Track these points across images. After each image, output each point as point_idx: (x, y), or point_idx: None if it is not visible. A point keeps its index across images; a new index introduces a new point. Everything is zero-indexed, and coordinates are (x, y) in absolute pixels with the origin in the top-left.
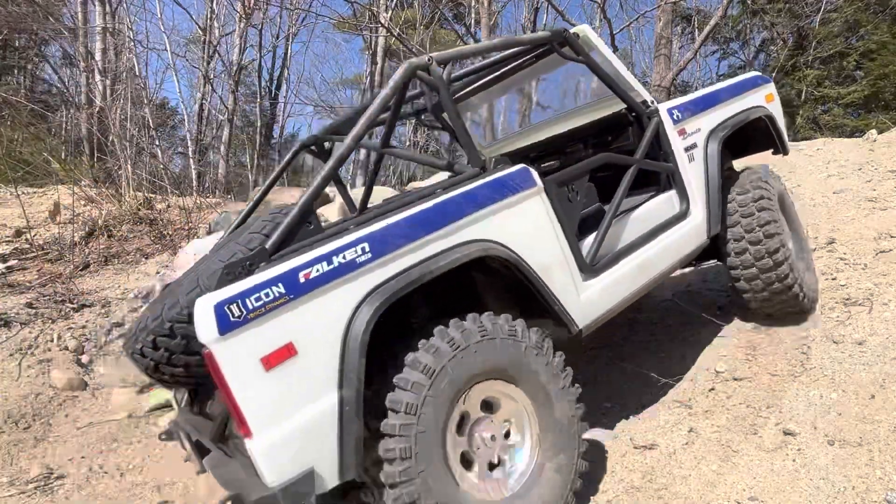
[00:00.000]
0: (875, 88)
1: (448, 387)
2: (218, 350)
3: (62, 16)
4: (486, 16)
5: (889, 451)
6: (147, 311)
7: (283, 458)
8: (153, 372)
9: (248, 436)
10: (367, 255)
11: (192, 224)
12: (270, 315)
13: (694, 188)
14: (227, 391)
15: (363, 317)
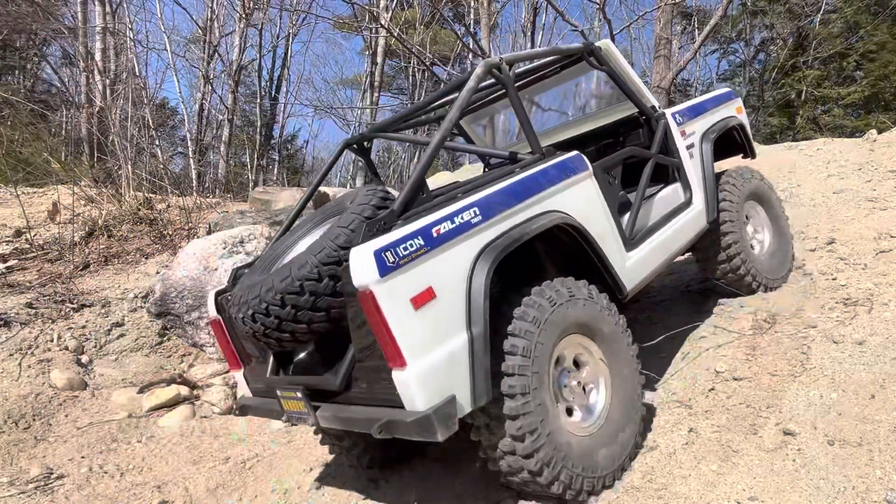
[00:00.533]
0: (875, 89)
1: (549, 335)
2: (378, 290)
3: (62, 16)
4: (485, 16)
5: (889, 451)
6: (246, 285)
7: (431, 385)
8: (262, 335)
9: (402, 366)
10: (479, 218)
11: (192, 224)
12: (415, 263)
13: (694, 181)
14: (385, 326)
15: (481, 268)
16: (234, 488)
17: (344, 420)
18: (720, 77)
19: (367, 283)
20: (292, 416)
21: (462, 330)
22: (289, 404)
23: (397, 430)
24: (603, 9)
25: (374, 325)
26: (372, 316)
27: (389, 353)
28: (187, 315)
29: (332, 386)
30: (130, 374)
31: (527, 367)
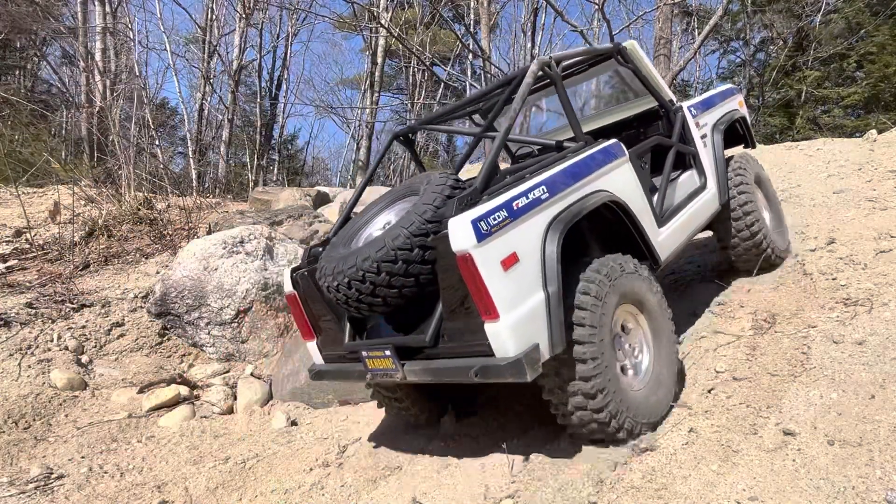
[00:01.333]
0: (875, 90)
1: (609, 306)
2: (475, 253)
3: (62, 16)
4: (485, 16)
5: (889, 451)
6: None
7: (519, 335)
8: (354, 301)
9: (496, 318)
10: (547, 194)
11: (192, 224)
12: (502, 231)
13: (708, 167)
14: (482, 284)
15: (552, 237)
16: (234, 488)
17: (434, 371)
18: (720, 77)
19: (466, 248)
20: (377, 373)
21: (540, 289)
22: (374, 363)
23: (491, 373)
24: (602, 9)
25: (471, 284)
26: (469, 276)
27: (484, 307)
28: (187, 315)
29: (423, 342)
30: (130, 374)
31: (594, 336)
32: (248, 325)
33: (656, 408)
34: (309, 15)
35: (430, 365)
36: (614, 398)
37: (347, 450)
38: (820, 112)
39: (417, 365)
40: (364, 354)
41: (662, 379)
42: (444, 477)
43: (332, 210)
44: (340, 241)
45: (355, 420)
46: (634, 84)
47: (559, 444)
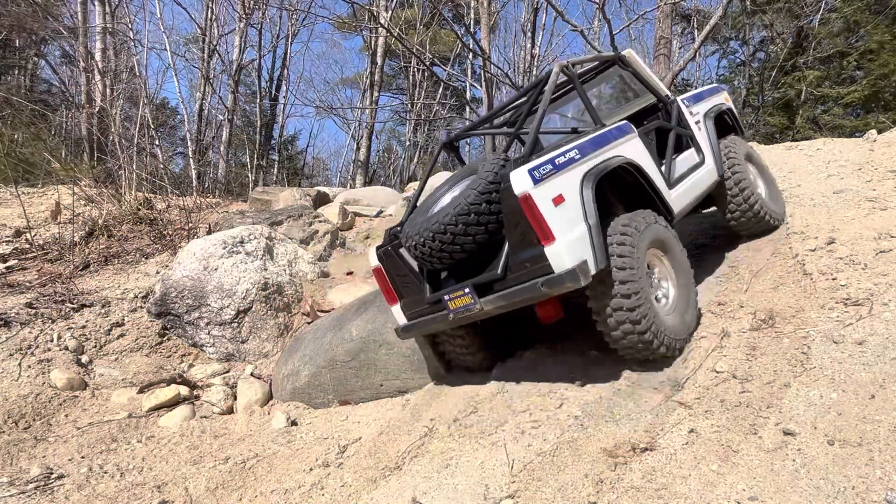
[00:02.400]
0: (875, 88)
1: (642, 249)
2: (533, 193)
3: (62, 16)
4: (485, 16)
5: (889, 451)
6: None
7: (571, 253)
8: (437, 252)
9: (553, 241)
10: (578, 155)
11: (192, 224)
12: (549, 178)
13: (704, 147)
14: (541, 215)
15: (587, 185)
16: (234, 488)
17: (507, 296)
18: (720, 77)
19: (526, 190)
20: (458, 311)
21: (582, 222)
22: (455, 303)
23: (555, 283)
24: (602, 9)
25: (531, 217)
26: (529, 211)
27: (543, 234)
28: (187, 315)
29: (495, 276)
30: (130, 374)
31: (634, 273)
32: (248, 325)
33: (686, 328)
34: (309, 15)
35: (503, 293)
36: (655, 321)
37: (347, 450)
38: (820, 111)
39: (492, 296)
40: (446, 298)
41: (686, 306)
42: (444, 477)
43: (333, 210)
44: (413, 217)
45: (355, 420)
46: (634, 85)
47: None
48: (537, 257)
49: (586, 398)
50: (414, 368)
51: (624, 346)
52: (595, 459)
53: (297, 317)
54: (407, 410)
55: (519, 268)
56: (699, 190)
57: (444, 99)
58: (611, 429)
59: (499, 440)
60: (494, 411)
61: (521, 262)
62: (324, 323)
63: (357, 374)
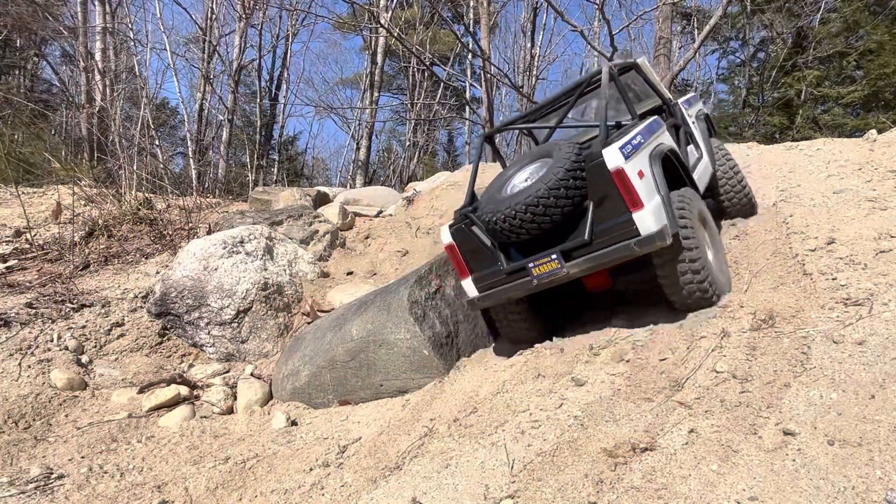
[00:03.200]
0: (874, 88)
1: (695, 219)
2: (625, 167)
3: (62, 16)
4: (485, 16)
5: (889, 451)
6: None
7: (655, 217)
8: (528, 224)
9: (641, 207)
10: (642, 140)
11: (192, 224)
12: (633, 156)
13: (701, 143)
14: (632, 186)
15: (654, 163)
16: (234, 488)
17: (595, 259)
18: (720, 77)
19: (619, 164)
20: (543, 277)
21: (657, 194)
22: (541, 269)
23: (645, 243)
24: (602, 9)
25: (622, 187)
26: (621, 182)
27: (632, 201)
28: (187, 315)
29: (582, 242)
30: (130, 374)
31: (694, 233)
32: (248, 325)
33: (727, 283)
34: (309, 15)
35: (591, 256)
36: (711, 274)
37: (347, 450)
38: (820, 111)
39: (578, 260)
40: (531, 266)
41: (722, 267)
42: (444, 477)
43: (333, 210)
44: (491, 196)
45: (355, 420)
46: (640, 87)
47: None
48: (625, 223)
49: (586, 398)
50: (414, 368)
51: (686, 297)
52: (595, 459)
53: (297, 317)
54: (407, 410)
55: (605, 233)
56: (705, 178)
57: (444, 99)
58: (611, 429)
59: (499, 440)
60: (494, 411)
61: (608, 229)
62: (324, 323)
63: (357, 374)
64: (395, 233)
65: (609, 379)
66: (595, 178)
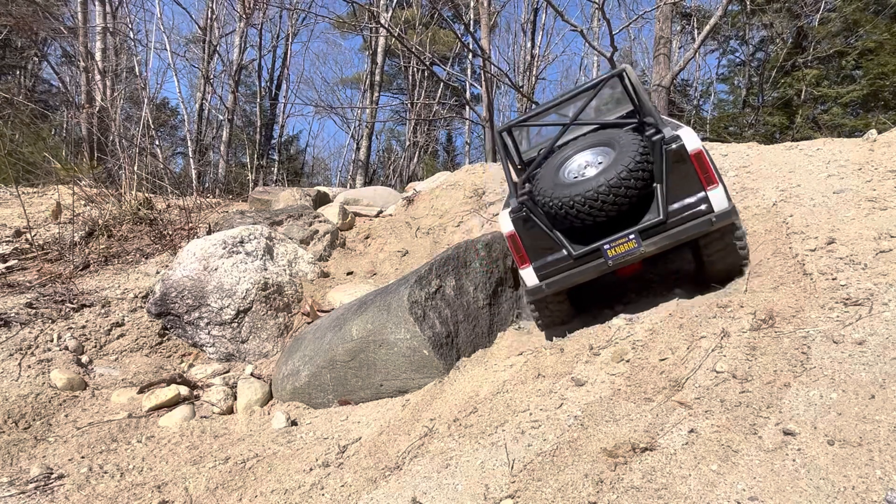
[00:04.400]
0: (874, 87)
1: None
2: (702, 148)
3: (62, 16)
4: (485, 15)
5: (889, 451)
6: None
7: (726, 195)
8: (609, 205)
9: (716, 185)
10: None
11: (192, 224)
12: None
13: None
14: (708, 165)
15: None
16: (234, 488)
17: (672, 236)
18: (720, 77)
19: (698, 147)
20: (618, 258)
21: (719, 176)
22: (617, 249)
23: (722, 218)
24: (602, 9)
25: (699, 168)
26: (699, 163)
27: (708, 180)
28: (187, 315)
29: (659, 220)
30: (130, 374)
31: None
32: (248, 325)
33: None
34: (309, 15)
35: (668, 234)
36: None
37: (347, 450)
38: (819, 111)
39: (655, 238)
40: (606, 247)
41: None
42: (444, 477)
43: (333, 210)
44: (554, 182)
45: (355, 420)
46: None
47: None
48: (699, 201)
49: (586, 398)
50: (414, 368)
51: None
52: (595, 459)
53: (297, 317)
54: (407, 410)
55: (679, 212)
56: None
57: (444, 99)
58: (611, 429)
59: (499, 440)
60: (494, 411)
61: (681, 208)
62: (324, 323)
63: (357, 374)
64: (395, 233)
65: (609, 379)
66: (671, 161)
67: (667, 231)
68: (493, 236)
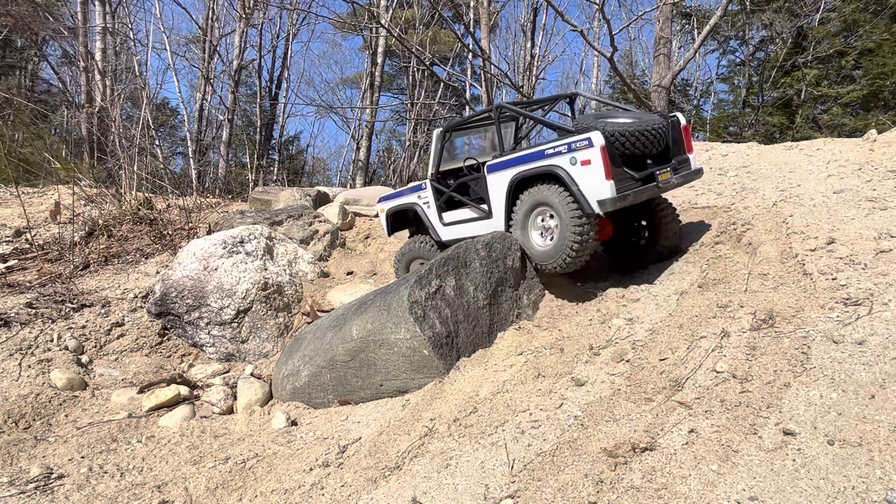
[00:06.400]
0: (874, 87)
1: None
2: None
3: (62, 16)
4: (485, 16)
5: (889, 451)
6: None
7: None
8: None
9: (692, 152)
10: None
11: (192, 224)
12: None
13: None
14: (689, 137)
15: None
16: (234, 488)
17: (682, 178)
18: (720, 77)
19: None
20: (663, 183)
21: None
22: (663, 176)
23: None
24: (602, 9)
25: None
26: (686, 134)
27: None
28: (187, 315)
29: (676, 164)
30: (130, 374)
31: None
32: (248, 325)
33: None
34: (309, 15)
35: (680, 175)
36: None
37: (347, 450)
38: (819, 111)
39: (677, 175)
40: (657, 173)
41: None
42: (444, 477)
43: (333, 210)
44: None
45: (355, 420)
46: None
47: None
48: (686, 160)
49: (586, 398)
50: (414, 368)
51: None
52: (595, 459)
53: (297, 317)
54: (407, 410)
55: (679, 164)
56: None
57: (444, 99)
58: (611, 429)
59: (499, 440)
60: (494, 411)
61: (679, 162)
62: (324, 323)
63: (357, 374)
64: None
65: (609, 379)
66: (675, 127)
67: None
68: (493, 236)
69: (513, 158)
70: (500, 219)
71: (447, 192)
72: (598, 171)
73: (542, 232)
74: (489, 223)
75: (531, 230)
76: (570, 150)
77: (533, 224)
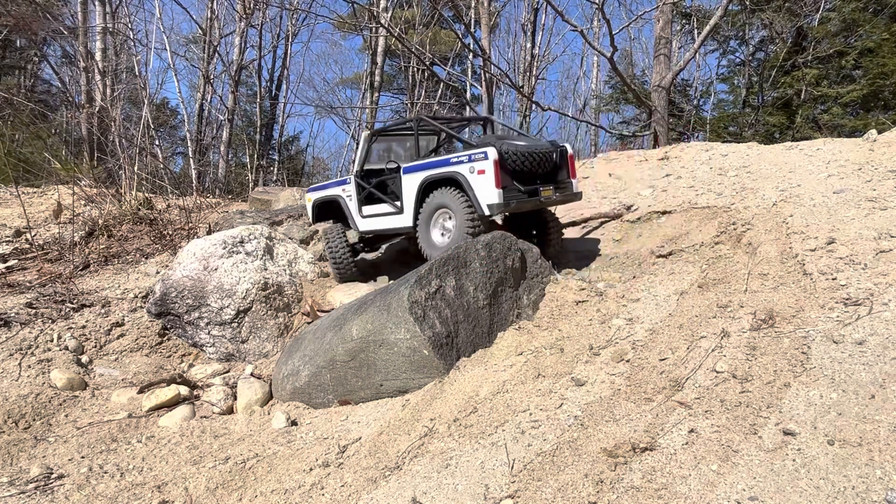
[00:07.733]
0: (874, 87)
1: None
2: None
3: (62, 16)
4: (485, 16)
5: (889, 451)
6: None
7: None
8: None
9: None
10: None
11: (192, 224)
12: None
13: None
14: (573, 164)
15: None
16: (234, 488)
17: (563, 197)
18: (720, 77)
19: (571, 151)
20: (548, 198)
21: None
22: (546, 192)
23: (579, 196)
24: (602, 9)
25: (572, 164)
26: (572, 161)
27: (574, 174)
28: (187, 315)
29: (560, 184)
30: (130, 374)
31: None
32: (248, 325)
33: None
34: (309, 15)
35: (562, 194)
36: None
37: (347, 450)
38: (819, 111)
39: (559, 194)
40: (541, 189)
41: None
42: (444, 477)
43: None
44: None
45: (355, 420)
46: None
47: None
48: (569, 183)
49: (586, 398)
50: (414, 368)
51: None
52: (595, 459)
53: (297, 317)
54: (407, 410)
55: (561, 185)
56: None
57: (445, 99)
58: (611, 429)
59: (499, 440)
60: (494, 411)
61: (563, 182)
62: (324, 323)
63: (357, 374)
64: None
65: (609, 379)
66: (562, 157)
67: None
68: (493, 236)
69: (425, 163)
70: (410, 215)
71: (368, 188)
72: (490, 180)
73: (441, 231)
74: (400, 217)
75: (432, 228)
76: (471, 160)
77: (434, 223)
